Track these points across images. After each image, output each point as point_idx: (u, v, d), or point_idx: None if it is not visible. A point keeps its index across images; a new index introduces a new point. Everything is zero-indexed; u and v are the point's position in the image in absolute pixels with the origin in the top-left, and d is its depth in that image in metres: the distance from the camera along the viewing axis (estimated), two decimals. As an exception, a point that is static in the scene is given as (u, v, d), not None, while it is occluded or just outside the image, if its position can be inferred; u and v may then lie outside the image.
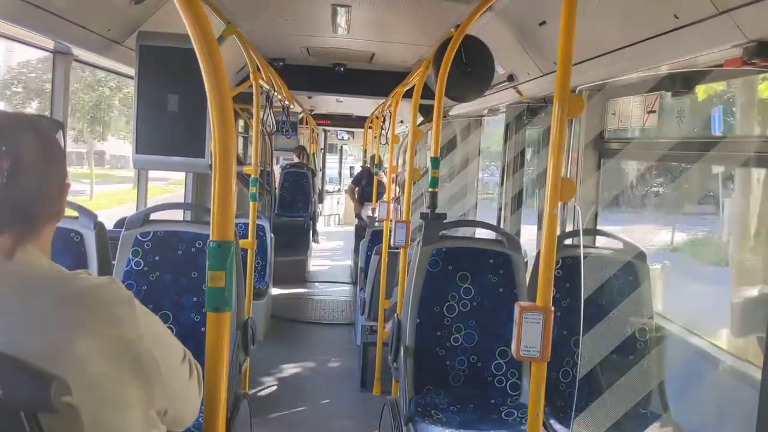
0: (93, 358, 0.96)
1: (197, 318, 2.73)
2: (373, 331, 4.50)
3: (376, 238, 5.35)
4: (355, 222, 9.03)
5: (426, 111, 5.19)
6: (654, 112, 3.00)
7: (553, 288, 1.62)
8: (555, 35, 1.57)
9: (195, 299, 2.75)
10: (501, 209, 4.86)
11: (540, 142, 4.58)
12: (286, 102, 6.27)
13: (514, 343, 1.61)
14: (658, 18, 2.21)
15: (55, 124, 1.11)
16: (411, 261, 3.05)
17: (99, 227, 2.79)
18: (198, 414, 1.23)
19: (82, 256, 2.74)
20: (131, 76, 2.97)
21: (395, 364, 2.95)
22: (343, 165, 15.94)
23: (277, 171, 9.25)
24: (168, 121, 2.75)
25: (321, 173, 13.06)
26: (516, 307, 1.61)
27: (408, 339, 2.84)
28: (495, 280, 2.90)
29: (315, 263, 8.78)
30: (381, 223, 5.53)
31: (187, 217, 3.97)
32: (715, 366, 2.58)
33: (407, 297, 2.91)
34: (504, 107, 4.75)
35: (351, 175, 11.50)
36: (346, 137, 14.69)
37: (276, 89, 4.97)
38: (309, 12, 3.98)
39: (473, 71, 3.31)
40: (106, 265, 2.78)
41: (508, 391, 2.83)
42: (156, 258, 2.77)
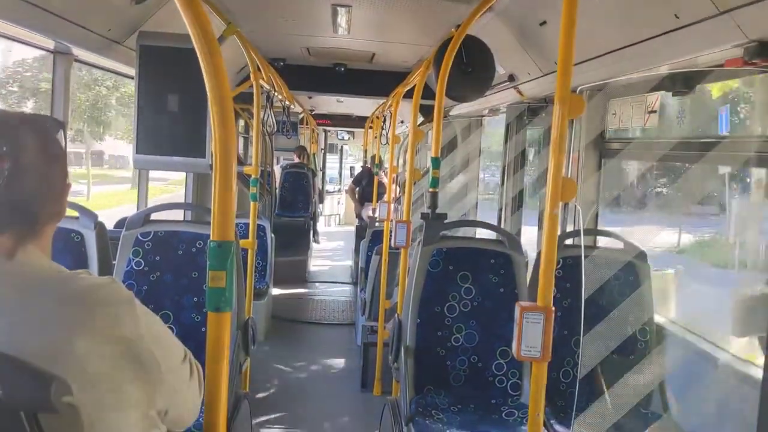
0: (93, 358, 0.96)
1: (198, 318, 2.73)
2: (374, 332, 4.49)
3: (376, 238, 5.35)
4: (356, 222, 9.03)
5: (426, 111, 5.19)
6: (655, 112, 3.00)
7: (554, 288, 1.62)
8: (555, 35, 1.57)
9: (195, 299, 2.75)
10: (501, 209, 4.86)
11: (541, 142, 4.58)
12: (286, 102, 6.26)
13: (514, 343, 1.61)
14: (658, 18, 2.21)
15: (57, 123, 1.11)
16: (411, 261, 3.05)
17: (99, 227, 2.79)
18: (198, 414, 1.23)
19: (82, 256, 2.74)
20: (131, 76, 2.97)
21: (396, 364, 2.95)
22: (344, 165, 15.93)
23: (278, 171, 9.24)
24: (168, 121, 2.75)
25: (321, 173, 13.05)
26: (517, 307, 1.61)
27: (408, 339, 2.84)
28: (496, 280, 2.90)
29: (315, 263, 8.77)
30: (381, 224, 5.53)
31: (188, 217, 3.97)
32: (716, 366, 2.58)
33: (408, 297, 2.91)
34: (504, 107, 4.75)
35: (351, 175, 11.49)
36: (346, 137, 14.68)
37: (276, 89, 4.97)
38: (309, 12, 3.98)
39: (474, 71, 3.31)
40: (106, 265, 2.78)
41: (508, 391, 2.83)
42: (156, 258, 2.77)
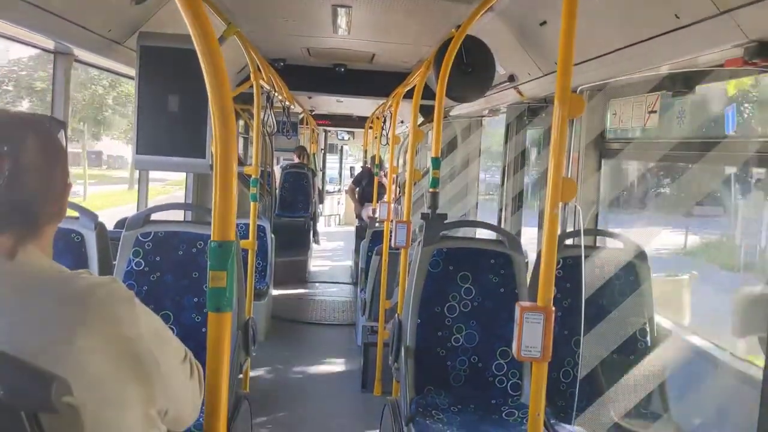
0: (94, 357, 0.96)
1: (198, 318, 2.73)
2: (374, 332, 4.49)
3: (376, 238, 5.35)
4: (356, 222, 9.03)
5: (427, 111, 5.19)
6: (655, 112, 3.00)
7: (554, 288, 1.62)
8: (556, 35, 1.57)
9: (196, 299, 2.75)
10: (501, 210, 4.86)
11: (541, 142, 4.58)
12: (286, 102, 6.26)
13: (515, 344, 1.61)
14: (658, 18, 2.21)
15: (58, 123, 1.11)
16: (412, 261, 3.05)
17: (100, 228, 2.79)
18: (199, 414, 1.23)
19: (82, 256, 2.74)
20: (132, 76, 2.97)
21: (396, 364, 2.95)
22: (344, 165, 15.93)
23: (278, 171, 9.24)
24: (169, 122, 2.75)
25: (321, 173, 13.05)
26: (517, 307, 1.61)
27: (409, 339, 2.84)
28: (496, 280, 2.90)
29: (315, 264, 8.77)
30: (381, 224, 5.53)
31: (188, 218, 3.97)
32: (716, 366, 2.57)
33: (408, 297, 2.91)
34: (505, 107, 4.75)
35: (351, 176, 11.49)
36: (346, 137, 14.68)
37: (276, 90, 4.98)
38: (309, 13, 3.98)
39: (474, 71, 3.32)
40: (106, 266, 2.78)
41: (509, 392, 2.83)
42: (157, 258, 2.77)
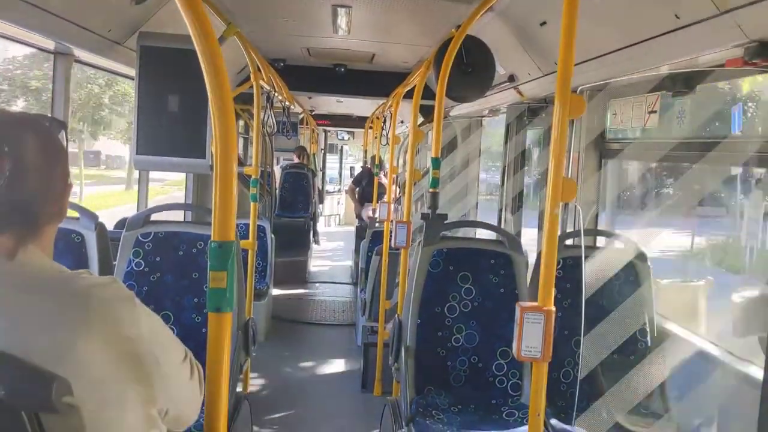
0: (94, 357, 0.96)
1: (198, 319, 2.73)
2: (374, 332, 4.49)
3: (376, 238, 5.35)
4: (356, 222, 9.03)
5: (427, 111, 5.19)
6: (655, 112, 3.00)
7: (554, 288, 1.62)
8: (556, 35, 1.57)
9: (196, 300, 2.75)
10: (502, 210, 4.86)
11: (541, 142, 4.58)
12: (286, 102, 6.26)
13: (515, 344, 1.61)
14: (658, 18, 2.21)
15: (58, 124, 1.11)
16: (412, 261, 3.05)
17: (100, 228, 2.78)
18: (199, 414, 1.23)
19: (83, 257, 2.74)
20: (132, 76, 2.97)
21: (396, 364, 2.95)
22: (344, 165, 15.93)
23: (278, 171, 9.24)
24: (169, 122, 2.75)
25: (321, 173, 13.05)
26: (517, 308, 1.61)
27: (409, 339, 2.84)
28: (496, 280, 2.89)
29: (315, 264, 8.77)
30: (381, 224, 5.53)
31: (188, 218, 3.97)
32: (717, 366, 2.57)
33: (408, 297, 2.91)
34: (505, 108, 4.75)
35: (351, 176, 11.49)
36: (346, 137, 14.68)
37: (276, 90, 4.98)
38: (309, 13, 3.98)
39: (474, 71, 3.31)
40: (107, 266, 2.78)
41: (509, 392, 2.83)
42: (157, 259, 2.77)
